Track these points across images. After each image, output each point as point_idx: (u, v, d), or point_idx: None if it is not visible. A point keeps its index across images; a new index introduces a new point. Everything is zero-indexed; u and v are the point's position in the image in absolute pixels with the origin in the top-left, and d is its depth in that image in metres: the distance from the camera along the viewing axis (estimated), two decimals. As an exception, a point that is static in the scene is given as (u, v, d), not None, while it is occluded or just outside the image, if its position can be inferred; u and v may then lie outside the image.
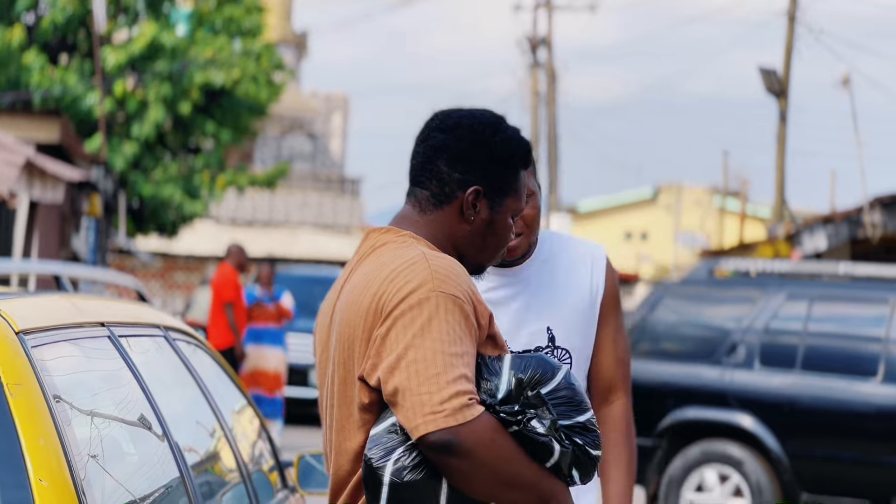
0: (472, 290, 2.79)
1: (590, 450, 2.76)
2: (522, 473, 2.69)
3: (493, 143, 2.91)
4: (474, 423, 2.63)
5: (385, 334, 2.73)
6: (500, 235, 2.96)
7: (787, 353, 10.31)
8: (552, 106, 37.60)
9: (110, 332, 3.63)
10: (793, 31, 27.28)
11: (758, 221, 46.54)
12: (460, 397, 2.64)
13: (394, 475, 2.69)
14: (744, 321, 10.46)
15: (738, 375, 10.32)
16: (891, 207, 18.36)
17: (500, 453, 2.66)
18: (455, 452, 2.63)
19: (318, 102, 45.78)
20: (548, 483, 2.74)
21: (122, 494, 3.24)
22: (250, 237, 34.97)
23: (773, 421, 10.18)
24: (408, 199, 2.97)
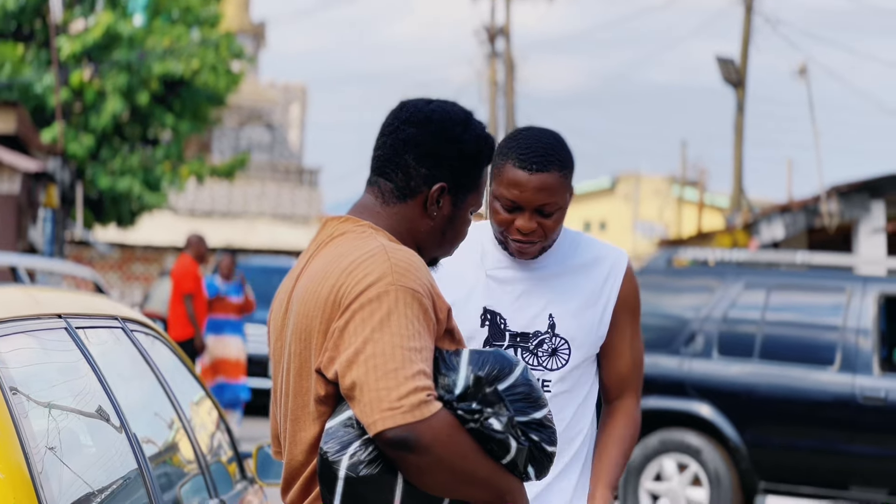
0: (432, 283, 2.78)
1: (545, 446, 2.76)
2: (478, 470, 2.69)
3: (463, 140, 2.90)
4: (432, 419, 2.62)
5: (343, 327, 2.71)
6: (459, 230, 2.98)
7: (745, 342, 10.34)
8: (510, 96, 37.62)
9: (67, 324, 3.61)
10: (750, 20, 27.40)
11: (716, 211, 46.74)
12: (418, 393, 2.62)
13: (349, 469, 2.68)
14: (702, 310, 10.49)
15: (697, 365, 10.35)
16: (847, 196, 18.48)
17: (457, 450, 2.65)
18: (412, 449, 2.61)
19: (276, 93, 45.66)
20: (503, 479, 2.74)
21: (80, 486, 3.23)
22: (209, 228, 34.87)
23: (732, 410, 10.21)
24: (369, 187, 2.96)
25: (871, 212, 18.47)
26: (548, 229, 3.60)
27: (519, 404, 2.72)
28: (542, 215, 3.59)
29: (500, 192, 3.59)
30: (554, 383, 3.67)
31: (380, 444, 2.65)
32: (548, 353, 3.67)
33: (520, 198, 3.56)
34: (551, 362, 3.67)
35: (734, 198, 27.46)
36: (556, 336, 3.67)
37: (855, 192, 18.50)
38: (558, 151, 3.59)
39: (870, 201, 18.48)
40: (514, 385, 2.72)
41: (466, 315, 3.64)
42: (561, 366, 3.67)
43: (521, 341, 3.66)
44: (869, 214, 18.46)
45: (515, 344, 3.65)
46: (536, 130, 3.64)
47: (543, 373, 3.66)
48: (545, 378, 3.66)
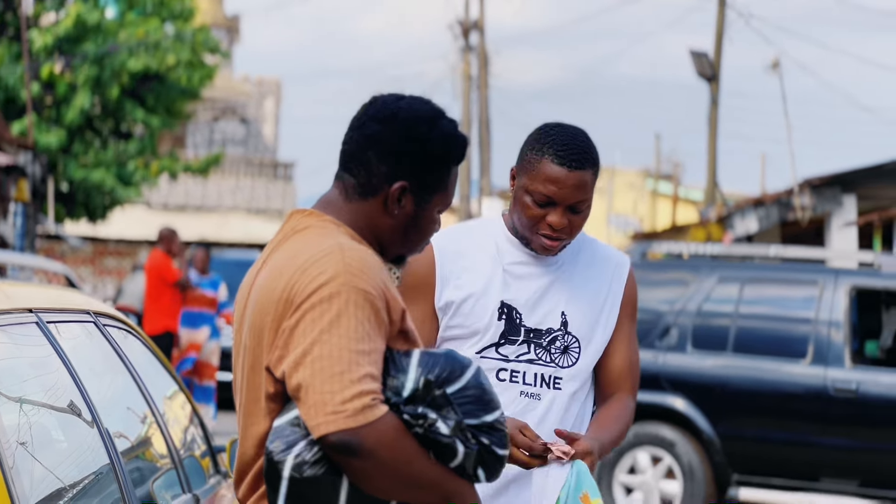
0: (386, 284, 2.75)
1: (496, 449, 2.73)
2: (425, 474, 2.68)
3: (428, 139, 2.85)
4: (376, 423, 2.60)
5: (293, 327, 2.69)
6: (424, 230, 2.93)
7: (719, 335, 10.36)
8: (484, 90, 37.63)
9: (39, 319, 3.60)
10: (723, 14, 27.46)
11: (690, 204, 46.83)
12: (363, 398, 2.60)
13: (293, 470, 2.66)
14: (676, 304, 10.49)
15: (671, 358, 10.36)
16: (820, 190, 18.54)
17: (402, 454, 2.64)
18: (356, 453, 2.60)
19: (250, 87, 45.56)
20: (451, 483, 2.72)
21: (52, 482, 3.22)
22: (182, 222, 34.77)
23: (705, 403, 10.23)
24: (335, 181, 2.94)
25: (843, 205, 18.54)
26: (576, 227, 3.65)
27: (469, 407, 2.69)
28: (573, 212, 3.62)
29: (535, 188, 3.61)
30: (565, 381, 3.69)
31: (323, 447, 2.63)
32: (560, 350, 3.69)
33: (557, 194, 3.59)
34: (563, 360, 3.69)
35: (708, 191, 27.52)
36: (568, 334, 3.70)
37: (827, 186, 18.57)
38: (592, 150, 3.65)
39: (842, 195, 18.55)
40: (464, 388, 2.69)
41: (483, 308, 3.66)
42: (572, 363, 3.70)
43: (535, 337, 3.68)
44: (841, 208, 18.53)
45: (529, 339, 3.68)
46: (570, 128, 3.67)
47: (556, 370, 3.68)
48: (557, 375, 3.69)
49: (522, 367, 3.67)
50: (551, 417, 3.67)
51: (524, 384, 3.66)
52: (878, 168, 18.29)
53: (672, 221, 30.86)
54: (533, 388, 3.67)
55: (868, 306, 11.25)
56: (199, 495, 4.39)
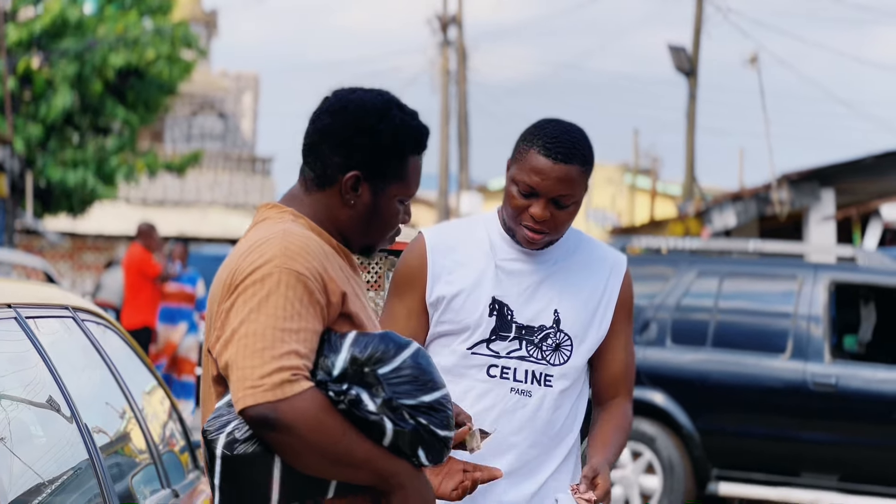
0: (325, 267, 2.78)
1: (436, 430, 2.74)
2: (353, 451, 2.68)
3: (378, 130, 2.88)
4: (296, 398, 2.62)
5: (228, 309, 2.75)
6: (385, 220, 2.95)
7: (698, 330, 10.37)
8: (462, 84, 37.63)
9: (17, 314, 3.59)
10: (701, 9, 27.50)
11: (668, 199, 46.90)
12: (282, 372, 2.63)
13: (225, 447, 2.70)
14: (655, 298, 10.49)
15: (650, 353, 10.36)
16: (798, 184, 18.59)
17: (325, 430, 2.65)
18: (274, 427, 2.63)
19: (228, 82, 45.47)
20: (386, 462, 2.73)
21: (30, 477, 3.21)
22: (161, 217, 34.69)
23: (685, 398, 10.24)
24: (299, 176, 3.00)
25: (821, 200, 18.59)
26: (559, 222, 3.63)
27: (406, 387, 2.71)
28: (557, 206, 3.61)
29: (520, 178, 3.62)
30: (556, 379, 3.69)
31: (245, 422, 2.67)
32: (552, 347, 3.68)
33: (539, 185, 3.58)
34: (555, 357, 3.69)
35: (686, 186, 27.56)
36: (560, 331, 3.69)
37: (805, 181, 18.62)
38: (583, 146, 3.63)
39: (820, 189, 18.61)
40: (399, 368, 2.71)
41: (474, 303, 3.65)
42: (563, 361, 3.69)
43: (527, 334, 3.67)
44: (819, 202, 18.59)
45: (521, 336, 3.67)
46: (565, 123, 3.66)
47: (547, 367, 3.68)
48: (548, 373, 3.68)
49: (513, 364, 3.66)
50: (542, 415, 3.67)
51: (515, 381, 3.66)
52: (856, 162, 18.35)
53: (650, 216, 30.89)
54: (524, 384, 3.66)
55: (846, 301, 11.28)
56: (178, 490, 4.39)
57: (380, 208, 2.93)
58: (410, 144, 2.93)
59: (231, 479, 2.71)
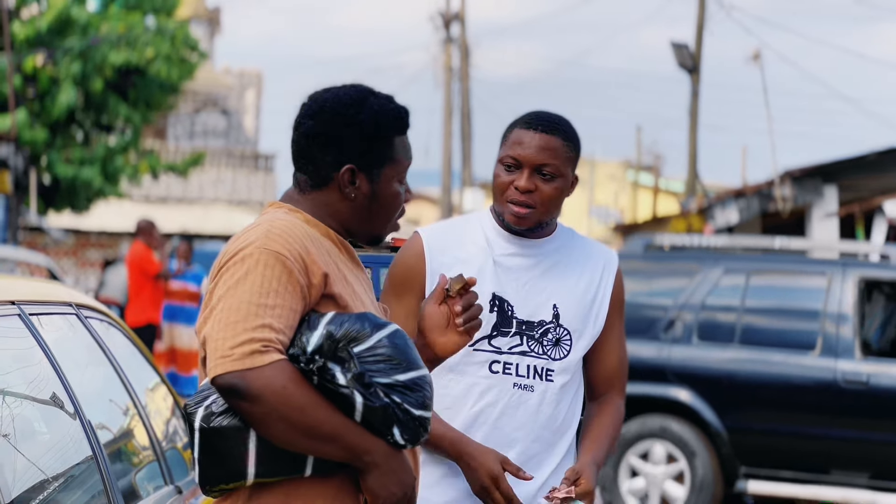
0: (307, 249, 2.84)
1: (411, 409, 2.78)
2: (323, 424, 2.72)
3: (359, 120, 2.95)
4: (265, 368, 2.68)
5: (212, 290, 2.83)
6: (388, 204, 3.01)
7: (725, 327, 10.27)
8: (465, 81, 37.62)
9: (21, 311, 3.60)
10: (704, 5, 27.48)
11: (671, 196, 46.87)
12: (252, 343, 2.69)
13: (203, 420, 2.77)
14: (681, 296, 10.39)
15: (677, 350, 10.25)
16: (800, 181, 18.57)
17: (292, 401, 2.69)
18: (243, 396, 2.68)
19: (231, 79, 45.47)
20: (359, 437, 2.76)
21: (34, 474, 3.23)
22: (164, 214, 34.70)
23: (712, 395, 10.14)
24: (293, 181, 3.05)
25: (824, 196, 18.57)
26: (545, 196, 3.65)
27: (380, 365, 2.76)
28: (542, 177, 3.64)
29: (503, 154, 3.67)
30: (557, 373, 3.70)
31: (217, 392, 2.73)
32: (552, 342, 3.69)
33: (521, 154, 3.63)
34: (555, 352, 3.70)
35: (689, 183, 27.55)
36: (560, 326, 3.70)
37: (808, 177, 18.60)
38: (565, 125, 3.70)
39: (823, 186, 18.59)
40: (374, 347, 2.77)
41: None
42: (564, 356, 3.70)
43: (527, 329, 3.68)
44: (822, 199, 18.57)
45: (521, 331, 3.68)
46: (549, 111, 3.73)
47: (548, 362, 3.69)
48: (549, 367, 3.69)
49: (515, 359, 3.67)
50: (545, 409, 3.68)
51: (517, 376, 3.67)
52: (859, 159, 18.33)
53: (653, 213, 30.88)
54: (526, 379, 3.67)
55: (875, 297, 11.15)
56: (182, 486, 4.40)
57: (379, 194, 2.99)
58: (393, 126, 2.99)
59: (209, 452, 2.77)
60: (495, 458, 3.57)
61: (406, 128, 3.03)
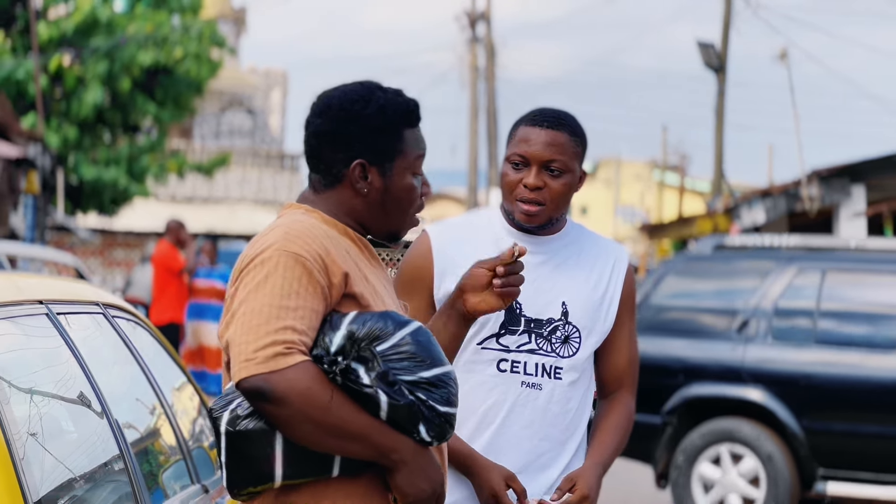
0: (326, 250, 2.84)
1: (436, 405, 2.78)
2: (347, 423, 2.72)
3: (365, 115, 2.95)
4: (288, 370, 2.68)
5: (233, 294, 2.83)
6: (402, 198, 3.00)
7: (800, 326, 10.09)
8: (491, 81, 37.62)
9: (49, 310, 3.61)
10: (730, 4, 27.41)
11: (697, 195, 46.79)
12: (276, 346, 2.70)
13: (228, 424, 2.76)
14: (755, 295, 10.22)
15: (751, 350, 10.06)
16: (828, 181, 18.51)
17: (317, 402, 2.69)
18: (268, 399, 2.68)
19: (257, 78, 45.54)
20: (385, 436, 2.75)
21: (62, 472, 3.23)
22: (190, 214, 34.78)
23: (788, 396, 9.93)
24: (308, 182, 3.06)
25: (851, 196, 18.50)
26: (554, 193, 3.64)
27: (404, 363, 2.76)
28: (550, 174, 3.63)
29: (510, 153, 3.67)
30: (565, 371, 3.69)
31: (242, 395, 2.73)
32: (560, 340, 3.69)
33: (528, 152, 3.63)
34: (564, 349, 3.69)
35: (715, 182, 27.49)
36: (568, 324, 3.69)
37: (835, 177, 18.53)
38: (571, 120, 3.69)
39: (850, 185, 18.51)
40: (397, 345, 2.77)
41: None
42: (572, 353, 3.70)
43: (536, 327, 3.67)
44: (850, 199, 18.49)
45: (530, 329, 3.67)
46: (554, 107, 3.73)
47: (556, 360, 3.68)
48: (557, 365, 3.68)
49: (523, 358, 3.66)
50: (553, 407, 3.67)
51: (525, 374, 3.66)
52: (887, 158, 18.25)
53: (679, 212, 30.84)
54: (534, 377, 3.67)
55: None
56: (208, 486, 4.41)
57: (392, 188, 2.97)
58: (401, 118, 2.98)
59: (236, 456, 2.76)
60: (500, 476, 3.56)
61: (416, 120, 3.01)
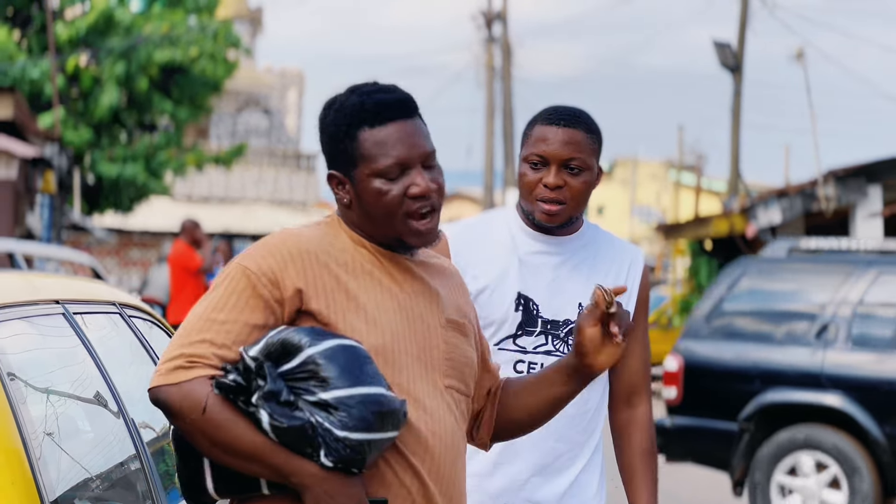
0: (285, 264, 2.74)
1: (333, 429, 2.63)
2: (241, 443, 2.64)
3: (325, 124, 2.87)
4: (184, 384, 2.64)
5: None
6: (374, 204, 2.82)
7: (882, 331, 9.94)
8: (507, 81, 37.59)
9: (65, 310, 3.62)
10: (746, 4, 27.36)
11: (713, 195, 46.70)
12: (181, 359, 2.67)
13: (172, 435, 2.78)
14: (834, 299, 10.05)
15: (830, 356, 9.89)
16: (844, 181, 18.46)
17: (211, 419, 2.63)
18: (167, 411, 2.68)
19: (273, 78, 45.60)
20: (281, 458, 2.64)
21: (78, 472, 3.24)
22: (206, 213, 34.85)
23: (869, 402, 9.74)
24: None
25: (868, 196, 18.45)
26: (574, 191, 3.62)
27: (309, 383, 2.64)
28: (569, 172, 3.62)
29: (528, 152, 3.65)
30: None
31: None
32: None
33: (546, 151, 3.61)
34: None
35: (731, 182, 27.44)
36: None
37: (852, 177, 18.48)
38: (586, 117, 3.68)
39: (867, 185, 18.46)
40: (303, 363, 2.65)
41: (500, 298, 3.64)
42: None
43: (552, 328, 3.66)
44: (866, 199, 18.44)
45: (546, 331, 3.66)
46: (567, 105, 3.72)
47: None
48: None
49: (540, 359, 3.65)
50: (570, 409, 3.66)
51: None
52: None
53: (695, 212, 30.78)
54: None
55: None
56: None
57: (365, 195, 2.82)
58: (356, 120, 2.81)
59: (180, 456, 2.77)
60: None
61: (374, 117, 2.82)
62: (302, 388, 2.64)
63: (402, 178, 2.82)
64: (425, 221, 2.85)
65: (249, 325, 2.71)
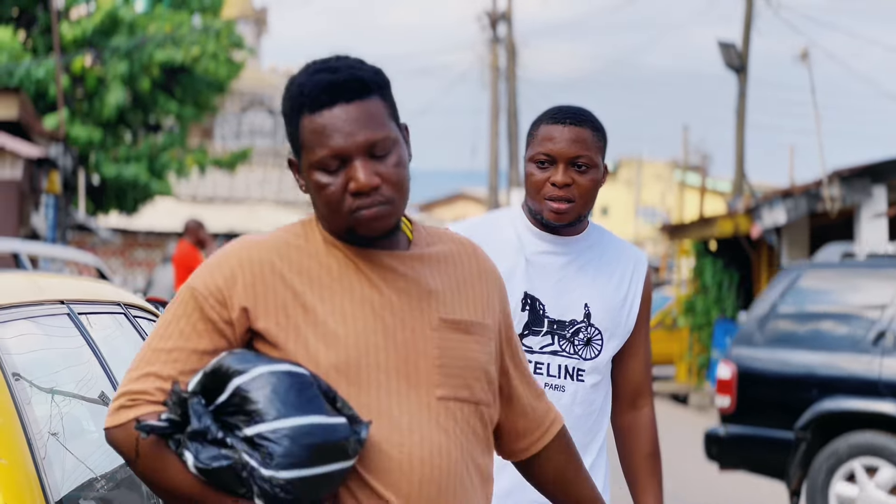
0: (234, 279, 2.54)
1: (259, 468, 2.41)
2: (177, 486, 2.48)
3: (282, 107, 2.63)
4: (126, 425, 2.50)
5: None
6: (320, 197, 2.57)
7: None
8: (512, 81, 37.59)
9: (70, 310, 3.62)
10: (751, 4, 27.34)
11: (717, 195, 46.68)
12: (124, 397, 2.52)
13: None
14: (891, 305, 9.90)
15: (888, 363, 9.76)
16: (849, 181, 18.44)
17: (147, 461, 2.49)
18: (118, 452, 2.54)
19: (277, 78, 45.59)
20: (218, 500, 2.45)
21: (83, 472, 3.24)
22: (211, 214, 34.85)
23: None
24: None
25: (872, 196, 18.43)
26: (582, 189, 3.63)
27: (238, 417, 2.43)
28: (577, 170, 3.63)
29: (535, 152, 3.66)
30: (588, 373, 3.69)
31: None
32: (583, 342, 3.69)
33: (553, 149, 3.62)
34: (586, 352, 3.69)
35: (736, 182, 27.42)
36: (591, 326, 3.69)
37: (856, 177, 18.46)
38: (591, 116, 3.69)
39: (871, 186, 18.44)
40: (231, 396, 2.44)
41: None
42: (595, 356, 3.70)
43: (559, 329, 3.67)
44: (871, 199, 18.43)
45: (553, 331, 3.67)
46: (571, 104, 3.73)
47: (579, 362, 3.68)
48: (580, 367, 3.68)
49: (546, 359, 3.66)
50: (576, 410, 3.67)
51: (549, 376, 3.66)
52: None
53: (700, 213, 30.76)
54: (557, 379, 3.66)
55: None
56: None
57: (311, 185, 2.58)
58: (296, 104, 2.57)
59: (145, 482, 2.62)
60: None
61: (314, 102, 2.55)
62: (232, 422, 2.43)
63: (343, 169, 2.55)
64: (375, 210, 2.55)
65: (198, 352, 2.52)
